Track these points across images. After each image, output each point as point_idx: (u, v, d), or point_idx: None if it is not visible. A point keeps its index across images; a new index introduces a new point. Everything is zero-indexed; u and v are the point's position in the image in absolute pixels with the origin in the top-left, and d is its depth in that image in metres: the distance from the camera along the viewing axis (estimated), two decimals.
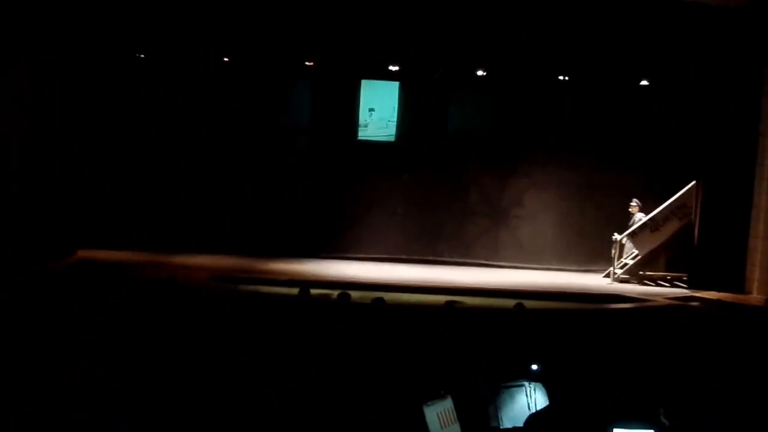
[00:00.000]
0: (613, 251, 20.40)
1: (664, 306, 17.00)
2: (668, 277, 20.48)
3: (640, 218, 20.56)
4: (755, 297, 18.03)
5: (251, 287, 16.32)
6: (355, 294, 12.84)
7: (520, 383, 7.63)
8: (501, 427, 7.41)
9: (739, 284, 19.04)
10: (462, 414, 7.05)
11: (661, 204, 20.67)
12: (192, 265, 18.15)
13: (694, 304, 17.33)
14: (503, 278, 20.02)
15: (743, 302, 17.36)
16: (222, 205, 20.53)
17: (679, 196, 20.36)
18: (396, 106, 21.98)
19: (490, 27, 19.03)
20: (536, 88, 21.41)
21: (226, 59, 20.09)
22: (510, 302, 13.21)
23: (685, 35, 18.95)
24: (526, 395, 7.58)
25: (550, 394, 7.52)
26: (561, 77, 21.00)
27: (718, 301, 15.92)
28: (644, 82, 20.77)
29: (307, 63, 20.63)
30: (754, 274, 19.00)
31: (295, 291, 13.27)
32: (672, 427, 6.34)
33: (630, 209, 20.78)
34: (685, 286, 19.88)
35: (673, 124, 20.96)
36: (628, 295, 18.18)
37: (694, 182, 20.20)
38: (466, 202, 22.39)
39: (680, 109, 20.63)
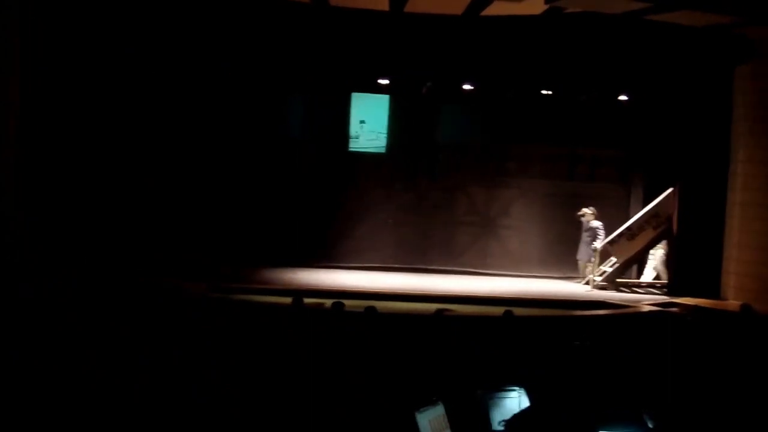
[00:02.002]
0: (592, 259, 20.50)
1: (645, 312, 17.07)
2: (644, 284, 20.64)
3: (596, 226, 20.67)
4: (731, 303, 18.10)
5: (244, 296, 16.33)
6: (347, 302, 12.84)
7: (510, 389, 7.67)
8: None
9: (715, 290, 19.14)
10: (453, 420, 7.08)
11: (637, 212, 20.91)
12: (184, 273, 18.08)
13: (673, 309, 17.38)
14: (492, 286, 20.09)
15: (720, 308, 17.44)
16: (215, 215, 20.46)
17: (654, 206, 20.48)
18: (386, 118, 22.07)
19: (476, 43, 19.10)
20: (522, 101, 21.48)
21: (223, 70, 19.98)
22: (499, 309, 13.24)
23: (659, 50, 19.07)
24: (516, 400, 7.63)
25: (538, 398, 7.56)
26: (544, 91, 21.06)
27: (695, 307, 15.98)
28: (623, 97, 20.82)
29: (300, 77, 20.61)
30: (730, 281, 19.10)
31: (288, 300, 13.26)
32: (656, 429, 6.39)
33: (584, 216, 20.83)
34: (658, 292, 20.03)
35: (652, 136, 21.16)
36: (610, 301, 18.26)
37: (669, 191, 20.29)
38: (455, 211, 22.47)
39: (658, 121, 20.83)
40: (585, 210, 20.86)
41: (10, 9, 15.63)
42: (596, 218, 20.76)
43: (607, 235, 20.54)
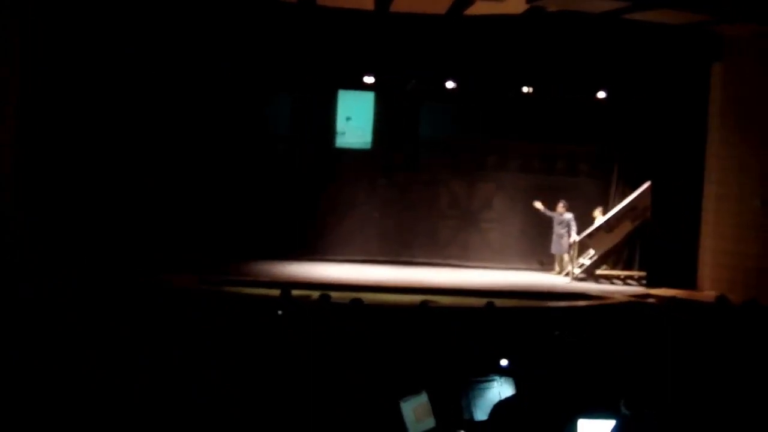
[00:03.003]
0: (571, 251, 20.58)
1: (624, 303, 17.14)
2: (622, 276, 20.68)
3: (568, 218, 20.78)
4: (707, 293, 18.19)
5: (234, 289, 16.34)
6: (334, 294, 12.84)
7: (491, 378, 7.71)
8: (474, 420, 7.49)
9: (691, 281, 19.27)
10: (437, 408, 7.12)
11: (615, 206, 21.06)
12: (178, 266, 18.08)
13: (650, 300, 17.47)
14: (474, 278, 20.14)
15: (696, 299, 17.51)
16: (205, 211, 20.42)
17: (631, 200, 20.59)
18: (371, 115, 22.15)
19: (459, 42, 19.12)
20: (502, 98, 21.54)
21: (210, 69, 19.91)
22: (481, 301, 13.22)
23: (637, 48, 19.14)
24: (497, 389, 7.66)
25: (519, 387, 7.60)
26: (525, 88, 21.10)
27: (671, 298, 16.04)
28: (601, 94, 20.86)
29: (287, 75, 20.60)
30: (705, 272, 19.26)
31: (276, 292, 13.25)
32: (632, 418, 6.43)
33: (558, 210, 20.98)
34: (636, 283, 20.11)
35: (629, 131, 21.24)
36: (589, 293, 18.32)
37: (647, 184, 20.38)
38: (437, 205, 22.51)
39: (636, 117, 20.93)
40: (559, 203, 20.89)
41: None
42: (567, 210, 20.81)
43: (580, 227, 20.59)
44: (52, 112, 16.93)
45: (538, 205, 21.02)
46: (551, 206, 21.00)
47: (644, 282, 19.98)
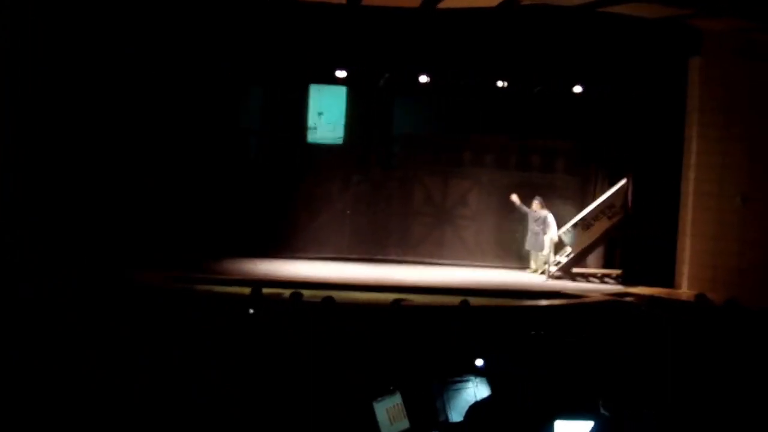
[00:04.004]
0: (546, 250, 20.53)
1: (601, 302, 17.13)
2: (599, 274, 20.66)
3: (546, 215, 20.76)
4: (685, 292, 18.24)
5: (204, 287, 16.23)
6: (306, 293, 12.77)
7: (466, 378, 7.68)
8: (449, 422, 7.45)
9: (670, 280, 19.28)
10: (411, 410, 7.08)
11: (592, 203, 20.98)
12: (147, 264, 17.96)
13: (628, 299, 17.45)
14: (448, 276, 20.12)
15: (675, 297, 17.52)
16: (174, 206, 20.28)
17: (608, 196, 20.52)
18: (344, 109, 22.04)
19: (433, 36, 19.08)
20: (477, 93, 21.50)
21: (180, 63, 19.82)
22: (455, 299, 13.16)
23: (613, 42, 19.16)
24: (472, 390, 7.63)
25: (494, 388, 7.57)
26: (500, 83, 21.07)
27: (650, 297, 16.04)
28: (578, 88, 20.84)
29: (258, 68, 20.50)
30: (684, 270, 19.24)
31: (247, 290, 13.18)
32: (611, 419, 6.40)
33: (534, 207, 20.95)
34: (614, 282, 20.11)
35: (606, 126, 21.25)
36: (566, 291, 18.30)
37: (623, 181, 20.39)
38: (411, 202, 22.44)
39: (612, 112, 20.97)
40: (534, 200, 20.88)
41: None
42: (543, 207, 20.79)
43: (558, 224, 20.57)
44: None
45: (515, 198, 20.96)
46: (527, 203, 20.96)
47: (622, 280, 19.98)
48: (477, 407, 6.99)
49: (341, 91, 21.96)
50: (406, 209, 22.39)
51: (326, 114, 22.05)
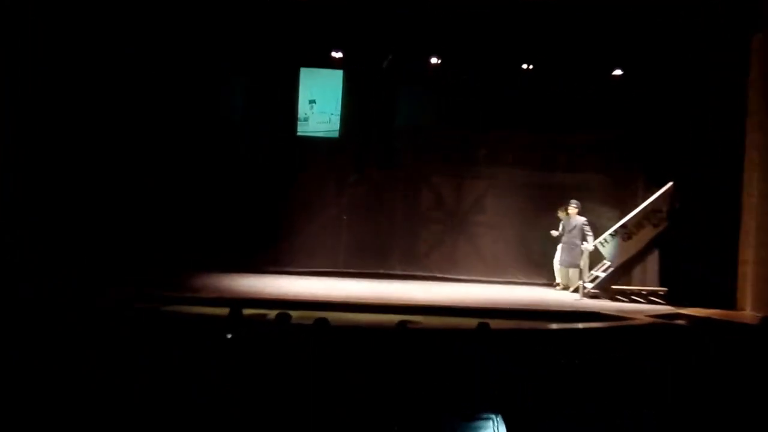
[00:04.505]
0: (581, 262, 20.34)
1: (647, 325, 16.94)
2: (644, 292, 20.41)
3: (582, 222, 20.62)
4: (748, 314, 18.00)
5: (174, 308, 16.11)
6: (294, 314, 12.63)
7: (484, 416, 7.57)
8: None
9: (728, 300, 18.96)
10: None
11: (634, 208, 20.59)
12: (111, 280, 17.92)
13: (680, 322, 17.24)
14: (463, 294, 19.88)
15: (735, 320, 17.32)
16: (144, 214, 20.21)
17: (654, 200, 20.22)
18: (339, 97, 21.99)
19: (445, 9, 18.97)
20: (498, 78, 21.38)
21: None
22: (471, 321, 13.00)
23: (660, 16, 18.98)
24: (491, 430, 7.52)
25: (517, 428, 7.48)
26: (525, 66, 20.95)
27: (707, 319, 15.87)
28: (617, 72, 20.70)
29: (241, 48, 20.48)
30: (746, 288, 18.83)
31: (224, 311, 13.06)
32: None
33: (567, 211, 20.82)
34: (662, 301, 19.87)
35: (651, 117, 20.98)
36: (604, 312, 18.12)
37: (671, 183, 20.17)
38: (419, 206, 22.44)
39: (658, 101, 20.65)
40: (571, 204, 20.71)
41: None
42: (580, 213, 20.64)
43: (594, 234, 20.42)
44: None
45: (555, 234, 20.92)
46: (559, 208, 20.85)
47: (670, 299, 19.75)
48: None
49: (337, 76, 21.92)
50: (411, 215, 22.39)
51: (319, 102, 22.02)
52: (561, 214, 20.91)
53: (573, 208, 20.67)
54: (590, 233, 20.36)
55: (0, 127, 17.24)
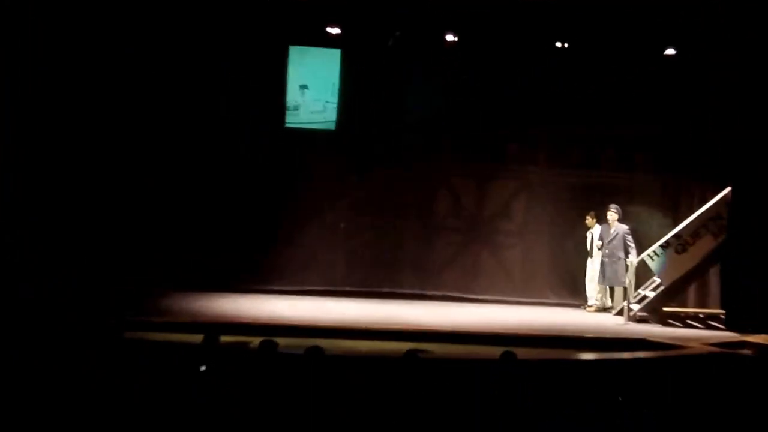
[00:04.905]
0: (627, 280, 20.22)
1: (706, 355, 16.86)
2: (701, 315, 20.30)
3: (624, 231, 20.62)
4: None
5: (138, 334, 16.06)
6: (282, 341, 12.58)
7: None
8: None
9: None
10: None
11: (689, 215, 20.47)
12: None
13: (746, 352, 17.15)
14: (485, 317, 19.88)
15: None
16: (104, 224, 20.22)
17: (713, 204, 20.11)
18: (337, 82, 21.98)
19: None
20: (527, 59, 21.31)
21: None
22: (494, 350, 12.98)
23: None
24: None
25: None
26: (559, 44, 20.90)
27: None
28: (670, 51, 20.62)
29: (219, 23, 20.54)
30: None
31: (198, 338, 13.02)
32: None
33: (606, 218, 20.87)
34: (724, 327, 19.75)
35: (707, 109, 20.90)
36: (654, 339, 18.03)
37: (731, 186, 20.09)
38: (433, 213, 22.44)
39: (722, 84, 20.54)
40: (610, 209, 20.65)
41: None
42: (620, 220, 20.58)
43: (640, 244, 20.34)
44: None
45: (598, 243, 20.95)
46: (587, 214, 20.82)
47: (732, 324, 19.64)
48: None
49: (334, 56, 21.92)
50: (424, 223, 22.39)
51: (311, 88, 22.04)
52: (589, 222, 20.91)
53: (613, 214, 20.62)
54: (633, 244, 20.29)
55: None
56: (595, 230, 20.88)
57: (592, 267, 21.04)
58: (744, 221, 19.61)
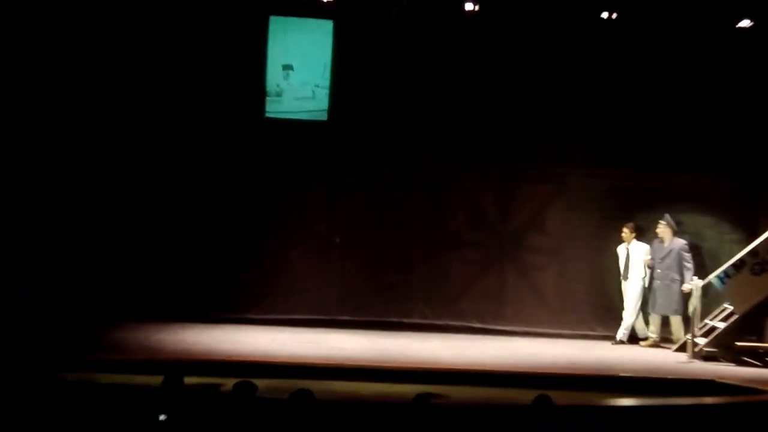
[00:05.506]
0: (690, 308, 20.08)
1: None
2: None
3: (680, 249, 20.51)
4: None
5: (84, 376, 15.95)
6: (262, 383, 12.47)
7: None
8: None
9: None
10: None
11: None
12: None
13: None
14: (513, 353, 19.87)
15: None
16: (52, 239, 20.27)
17: None
18: (328, 62, 21.89)
19: None
20: (564, 33, 21.20)
21: None
22: (526, 394, 12.90)
23: None
24: None
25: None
26: (606, 14, 20.79)
27: None
28: (745, 23, 20.53)
29: None
30: None
31: (157, 380, 12.91)
32: None
33: (660, 234, 20.69)
34: None
35: None
36: (725, 381, 17.91)
37: None
38: (448, 226, 22.34)
39: None
40: (661, 222, 20.52)
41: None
42: (676, 234, 20.46)
43: (702, 265, 20.20)
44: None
45: (648, 260, 20.79)
46: (624, 226, 20.71)
47: None
48: None
49: (325, 29, 21.86)
50: (436, 237, 22.35)
51: (297, 69, 22.01)
52: (626, 235, 20.76)
53: (665, 227, 20.45)
54: (690, 264, 20.16)
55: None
56: (633, 247, 20.71)
57: (634, 291, 20.85)
58: None
